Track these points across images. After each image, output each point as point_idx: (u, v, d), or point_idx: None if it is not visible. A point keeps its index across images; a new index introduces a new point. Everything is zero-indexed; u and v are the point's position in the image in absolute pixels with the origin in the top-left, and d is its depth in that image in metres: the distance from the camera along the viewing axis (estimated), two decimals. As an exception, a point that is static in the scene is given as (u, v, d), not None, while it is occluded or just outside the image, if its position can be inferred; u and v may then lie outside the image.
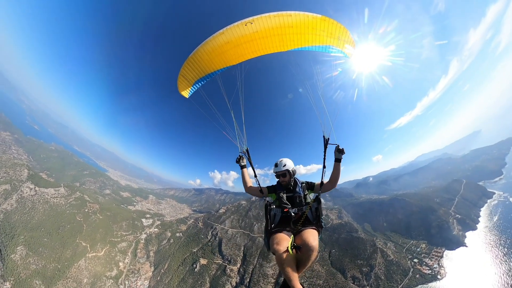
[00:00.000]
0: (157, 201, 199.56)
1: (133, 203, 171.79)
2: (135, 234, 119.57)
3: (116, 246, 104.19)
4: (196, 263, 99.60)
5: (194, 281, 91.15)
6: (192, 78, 7.22)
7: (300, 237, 4.73)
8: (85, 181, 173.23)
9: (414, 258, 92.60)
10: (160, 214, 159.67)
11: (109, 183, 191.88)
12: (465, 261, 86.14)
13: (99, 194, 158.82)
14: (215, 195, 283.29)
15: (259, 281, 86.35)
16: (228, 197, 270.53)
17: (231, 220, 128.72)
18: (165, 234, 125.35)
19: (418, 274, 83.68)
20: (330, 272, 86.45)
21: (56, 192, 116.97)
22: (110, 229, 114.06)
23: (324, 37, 6.61)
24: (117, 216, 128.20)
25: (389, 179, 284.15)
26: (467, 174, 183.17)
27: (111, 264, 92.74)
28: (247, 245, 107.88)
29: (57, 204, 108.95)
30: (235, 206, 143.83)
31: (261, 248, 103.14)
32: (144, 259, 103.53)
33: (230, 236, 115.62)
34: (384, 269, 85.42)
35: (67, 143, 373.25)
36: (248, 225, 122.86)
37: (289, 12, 5.98)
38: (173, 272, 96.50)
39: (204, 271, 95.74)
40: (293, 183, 5.96)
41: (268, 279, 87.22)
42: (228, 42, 6.35)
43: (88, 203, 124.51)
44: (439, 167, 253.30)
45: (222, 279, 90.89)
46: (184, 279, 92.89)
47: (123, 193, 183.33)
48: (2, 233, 71.73)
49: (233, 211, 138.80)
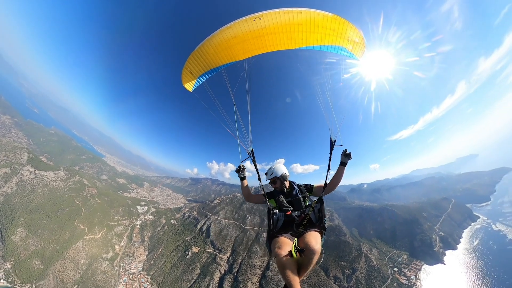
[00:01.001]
0: (151, 189, 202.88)
1: (129, 190, 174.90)
2: (131, 220, 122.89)
3: (112, 230, 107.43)
4: (188, 251, 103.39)
5: (185, 267, 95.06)
6: (197, 71, 7.11)
7: (302, 240, 4.67)
8: (83, 165, 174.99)
9: (395, 267, 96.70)
10: (154, 202, 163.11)
11: (106, 169, 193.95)
12: (441, 278, 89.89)
13: (97, 179, 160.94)
14: (211, 186, 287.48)
15: (246, 271, 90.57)
16: (224, 188, 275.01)
17: (225, 211, 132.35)
18: (159, 221, 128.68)
19: (396, 283, 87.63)
20: (313, 270, 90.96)
21: (56, 175, 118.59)
22: (107, 213, 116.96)
23: (334, 37, 6.40)
24: (114, 201, 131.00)
25: (383, 188, 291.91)
26: (457, 195, 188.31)
27: (108, 246, 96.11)
28: (239, 236, 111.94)
29: (57, 187, 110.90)
30: (230, 198, 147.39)
31: (251, 241, 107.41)
32: (139, 243, 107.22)
33: (223, 227, 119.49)
34: (365, 273, 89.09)
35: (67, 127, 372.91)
36: (241, 217, 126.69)
37: (300, 9, 5.83)
38: (166, 257, 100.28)
39: (195, 258, 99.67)
40: (289, 188, 5.99)
41: (255, 270, 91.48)
42: (235, 36, 6.24)
43: (87, 187, 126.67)
44: (431, 184, 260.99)
45: (212, 267, 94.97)
46: (176, 264, 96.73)
47: (119, 180, 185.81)
48: (3, 215, 73.92)
49: (227, 202, 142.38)
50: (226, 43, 6.39)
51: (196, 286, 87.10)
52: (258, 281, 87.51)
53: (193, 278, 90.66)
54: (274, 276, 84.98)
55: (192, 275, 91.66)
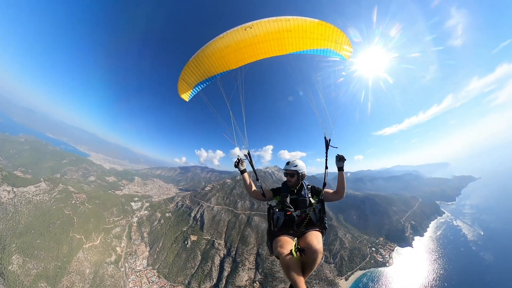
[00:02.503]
0: (143, 183, 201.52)
1: (120, 187, 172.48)
2: (127, 218, 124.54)
3: (110, 233, 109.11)
4: (187, 240, 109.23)
5: (187, 256, 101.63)
6: (192, 81, 7.30)
7: (303, 239, 4.58)
8: (66, 170, 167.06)
9: (373, 247, 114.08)
10: (147, 196, 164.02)
11: (92, 169, 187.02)
12: (409, 258, 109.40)
13: (84, 182, 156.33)
14: (200, 173, 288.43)
15: (243, 252, 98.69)
16: (214, 175, 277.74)
17: (216, 198, 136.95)
18: (155, 215, 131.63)
19: (373, 260, 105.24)
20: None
21: (37, 189, 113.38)
22: (101, 217, 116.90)
23: (322, 41, 6.78)
24: (106, 202, 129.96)
25: (365, 178, 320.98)
26: (425, 195, 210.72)
27: (109, 250, 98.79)
28: (231, 220, 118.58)
29: (41, 202, 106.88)
30: (220, 184, 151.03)
31: (244, 224, 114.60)
32: (139, 241, 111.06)
33: (216, 213, 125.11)
34: (348, 252, 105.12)
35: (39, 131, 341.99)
36: (232, 202, 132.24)
37: (288, 17, 6.10)
38: (167, 249, 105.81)
39: (195, 246, 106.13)
40: (299, 187, 5.87)
41: (250, 250, 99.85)
42: (228, 46, 6.44)
43: (73, 194, 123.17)
44: (409, 180, 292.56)
45: (211, 252, 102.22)
46: (178, 254, 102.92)
47: (108, 178, 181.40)
48: (-8, 246, 71.68)
49: (218, 188, 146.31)
50: (219, 53, 6.59)
51: (200, 271, 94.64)
52: (254, 260, 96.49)
53: (196, 264, 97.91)
54: (268, 256, 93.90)
55: (195, 262, 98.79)
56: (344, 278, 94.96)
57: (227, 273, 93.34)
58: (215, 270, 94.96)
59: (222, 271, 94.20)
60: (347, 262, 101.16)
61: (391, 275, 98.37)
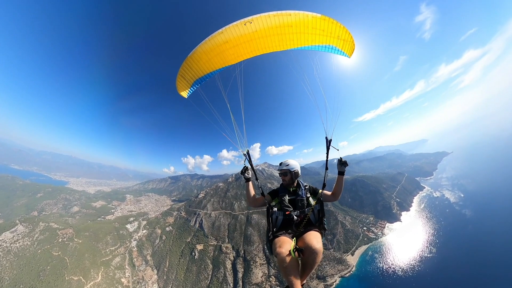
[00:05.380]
0: (136, 200, 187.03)
1: (111, 210, 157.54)
2: (125, 245, 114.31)
3: (110, 265, 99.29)
4: (194, 251, 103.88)
5: (198, 268, 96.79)
6: (190, 78, 6.84)
7: (302, 240, 4.37)
8: (43, 206, 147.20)
9: (364, 227, 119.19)
10: (143, 213, 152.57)
11: (74, 198, 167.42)
12: (399, 231, 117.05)
13: (67, 215, 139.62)
14: (191, 181, 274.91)
15: (251, 250, 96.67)
16: (205, 181, 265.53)
17: (212, 204, 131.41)
18: (155, 232, 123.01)
19: (366, 238, 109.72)
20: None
21: (14, 234, 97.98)
22: (96, 250, 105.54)
23: (324, 37, 6.31)
24: (98, 232, 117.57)
25: (352, 162, 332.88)
26: (409, 170, 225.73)
27: (114, 284, 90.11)
28: (231, 223, 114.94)
29: (23, 248, 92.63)
30: (213, 189, 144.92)
31: (244, 224, 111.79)
32: (143, 266, 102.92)
33: (214, 219, 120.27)
34: (343, 235, 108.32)
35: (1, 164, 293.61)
36: (229, 205, 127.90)
37: (289, 11, 5.70)
38: (176, 266, 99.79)
39: (203, 256, 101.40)
40: (296, 186, 5.70)
41: (258, 247, 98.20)
42: (227, 41, 6.01)
43: (58, 231, 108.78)
44: (392, 159, 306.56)
45: (221, 257, 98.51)
46: (188, 269, 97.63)
47: (95, 204, 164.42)
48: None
49: (212, 194, 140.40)
50: (218, 48, 6.11)
51: (214, 280, 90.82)
52: (264, 255, 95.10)
53: (209, 274, 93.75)
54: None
55: (207, 272, 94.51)
56: (350, 253, 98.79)
57: (241, 274, 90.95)
58: (229, 274, 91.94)
59: (236, 273, 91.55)
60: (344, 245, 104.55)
61: (391, 244, 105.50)
